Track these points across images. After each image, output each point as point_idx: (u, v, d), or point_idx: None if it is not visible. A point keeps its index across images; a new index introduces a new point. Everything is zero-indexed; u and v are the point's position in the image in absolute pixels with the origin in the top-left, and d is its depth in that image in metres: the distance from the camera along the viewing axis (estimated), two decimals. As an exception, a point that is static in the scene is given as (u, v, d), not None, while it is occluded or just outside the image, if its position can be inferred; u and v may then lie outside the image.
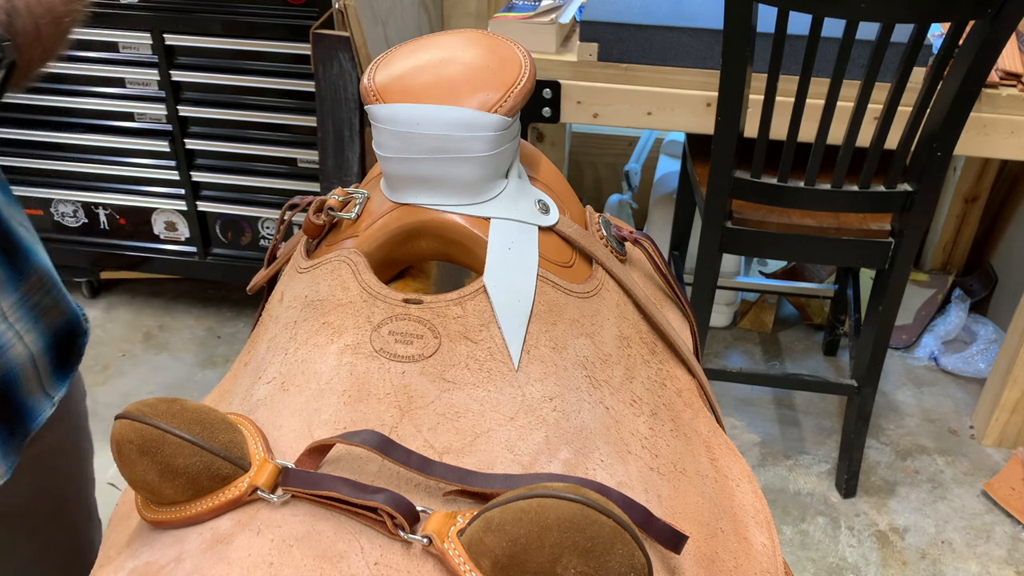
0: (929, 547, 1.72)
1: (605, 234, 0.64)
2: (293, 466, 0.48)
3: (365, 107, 0.57)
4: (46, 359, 0.79)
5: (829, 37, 1.36)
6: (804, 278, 2.36)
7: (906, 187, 1.48)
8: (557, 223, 0.59)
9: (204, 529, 0.47)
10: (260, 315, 0.65)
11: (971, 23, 1.29)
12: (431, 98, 0.56)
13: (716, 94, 1.42)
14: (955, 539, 1.73)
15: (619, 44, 1.60)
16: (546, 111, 1.67)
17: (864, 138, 1.45)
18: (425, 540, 0.44)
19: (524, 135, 1.78)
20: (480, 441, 0.49)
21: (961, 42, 1.31)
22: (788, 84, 1.43)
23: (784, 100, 1.40)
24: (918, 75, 1.44)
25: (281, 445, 0.50)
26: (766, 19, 1.33)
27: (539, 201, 0.60)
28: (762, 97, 1.39)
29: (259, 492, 0.47)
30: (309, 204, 0.63)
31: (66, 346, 0.83)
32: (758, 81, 1.41)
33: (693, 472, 0.56)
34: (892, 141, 1.44)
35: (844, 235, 1.56)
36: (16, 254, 0.76)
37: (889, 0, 1.25)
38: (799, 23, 1.30)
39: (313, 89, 1.85)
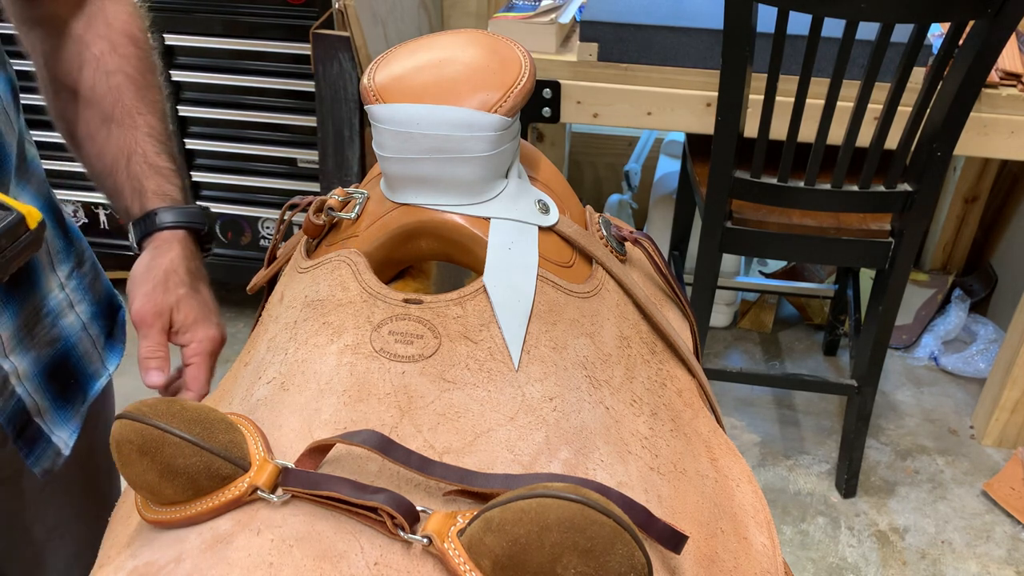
0: (929, 547, 1.72)
1: (605, 234, 0.64)
2: (293, 466, 0.48)
3: (365, 107, 0.57)
4: (96, 327, 0.86)
5: (829, 37, 1.36)
6: (804, 278, 2.36)
7: (906, 187, 1.48)
8: (557, 223, 0.59)
9: (204, 529, 0.47)
10: (260, 315, 0.65)
11: (971, 23, 1.29)
12: (431, 98, 0.56)
13: (716, 94, 1.42)
14: (955, 539, 1.73)
15: (619, 44, 1.59)
16: (546, 111, 1.67)
17: (864, 138, 1.45)
18: (425, 540, 0.44)
19: (524, 135, 1.78)
20: (480, 441, 0.49)
21: (961, 42, 1.31)
22: (788, 84, 1.43)
23: (784, 100, 1.40)
24: (918, 75, 1.44)
25: (281, 445, 0.50)
26: (766, 19, 1.33)
27: (539, 201, 0.60)
28: (762, 97, 1.39)
29: (259, 492, 0.47)
30: (309, 204, 0.62)
31: (110, 316, 0.90)
32: (758, 81, 1.41)
33: (693, 472, 0.56)
34: (892, 141, 1.44)
35: (844, 235, 1.56)
36: (68, 231, 0.84)
37: (889, 0, 1.25)
38: (799, 23, 1.30)
39: (313, 89, 1.85)
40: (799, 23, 1.30)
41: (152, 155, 0.78)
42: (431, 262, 0.64)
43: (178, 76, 1.94)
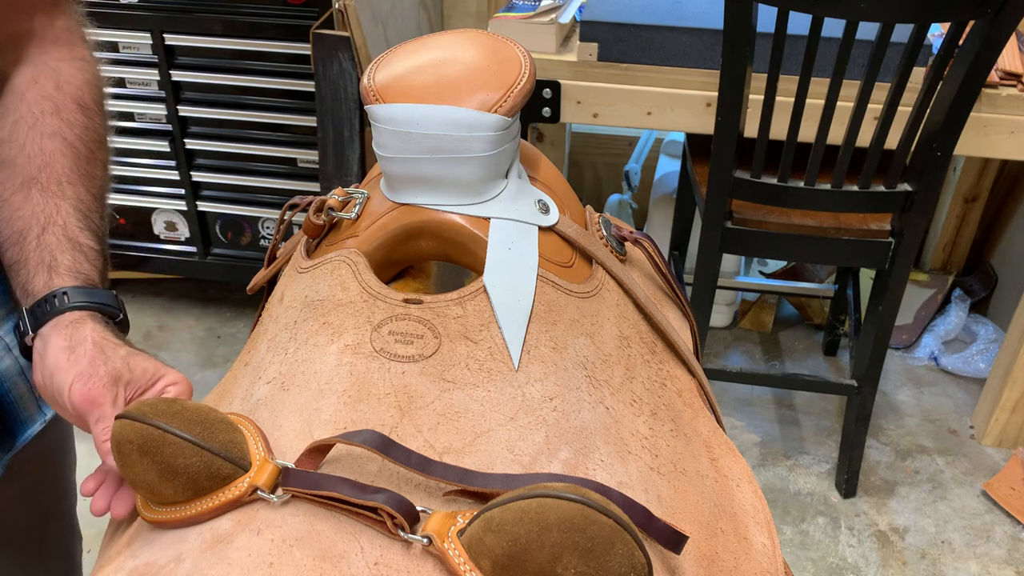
0: (929, 547, 1.72)
1: (605, 234, 0.64)
2: (293, 466, 0.48)
3: (365, 107, 0.57)
4: None
5: (829, 37, 1.36)
6: (804, 278, 2.36)
7: (906, 187, 1.48)
8: (557, 223, 0.59)
9: (204, 529, 0.47)
10: (260, 315, 0.65)
11: (971, 23, 1.29)
12: (431, 98, 0.56)
13: (716, 94, 1.42)
14: (955, 539, 1.73)
15: (619, 44, 1.59)
16: (546, 111, 1.67)
17: (864, 138, 1.44)
18: (425, 540, 0.44)
19: (524, 135, 1.78)
20: (480, 441, 0.49)
21: (961, 42, 1.31)
22: (788, 84, 1.43)
23: (784, 100, 1.40)
24: (918, 75, 1.44)
25: (281, 445, 0.50)
26: (766, 19, 1.33)
27: (539, 201, 0.60)
28: (762, 97, 1.39)
29: (259, 492, 0.47)
30: (309, 204, 0.63)
31: None
32: (758, 81, 1.41)
33: (693, 472, 0.56)
34: (892, 141, 1.44)
35: (844, 235, 1.56)
36: (4, 275, 0.75)
37: (889, 0, 1.25)
38: (799, 23, 1.30)
39: (313, 89, 1.85)
40: (799, 23, 1.30)
41: (74, 229, 0.67)
42: (431, 262, 0.64)
43: (178, 76, 1.94)
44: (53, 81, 0.71)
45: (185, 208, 2.10)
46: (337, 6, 1.74)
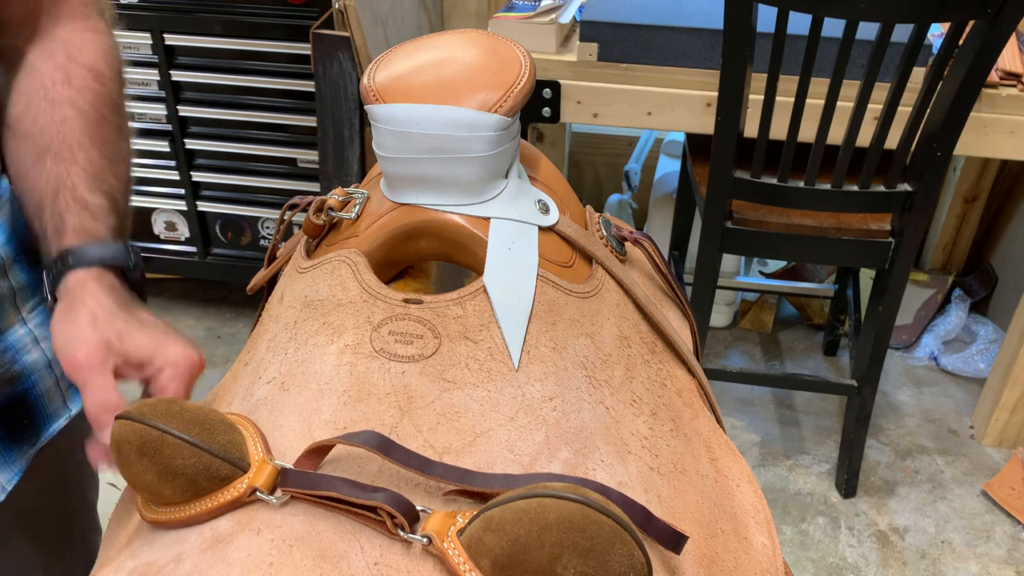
0: (929, 547, 1.72)
1: (605, 234, 0.64)
2: (292, 467, 0.48)
3: (365, 107, 0.57)
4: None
5: (829, 37, 1.36)
6: (804, 278, 2.36)
7: (906, 187, 1.48)
8: (557, 223, 0.59)
9: (204, 529, 0.47)
10: (260, 315, 0.65)
11: (971, 23, 1.29)
12: (431, 98, 0.56)
13: (716, 94, 1.42)
14: (955, 539, 1.73)
15: (619, 44, 1.59)
16: (546, 111, 1.67)
17: (864, 138, 1.44)
18: (425, 540, 0.44)
19: (524, 135, 1.78)
20: (480, 441, 0.49)
21: (961, 42, 1.31)
22: (788, 84, 1.43)
23: (784, 100, 1.40)
24: (918, 75, 1.44)
25: (281, 445, 0.50)
26: (766, 19, 1.33)
27: (539, 201, 0.60)
28: (762, 97, 1.39)
29: (258, 493, 0.47)
30: (309, 204, 0.63)
31: None
32: (758, 81, 1.41)
33: (693, 472, 0.56)
34: (892, 141, 1.44)
35: (844, 235, 1.56)
36: (38, 263, 0.75)
37: (889, 0, 1.25)
38: (799, 23, 1.30)
39: (313, 89, 1.85)
40: (799, 23, 1.30)
41: (82, 190, 0.67)
42: (431, 262, 0.64)
43: (178, 76, 1.94)
44: (65, 52, 0.71)
45: (185, 208, 2.10)
46: (337, 6, 1.74)
